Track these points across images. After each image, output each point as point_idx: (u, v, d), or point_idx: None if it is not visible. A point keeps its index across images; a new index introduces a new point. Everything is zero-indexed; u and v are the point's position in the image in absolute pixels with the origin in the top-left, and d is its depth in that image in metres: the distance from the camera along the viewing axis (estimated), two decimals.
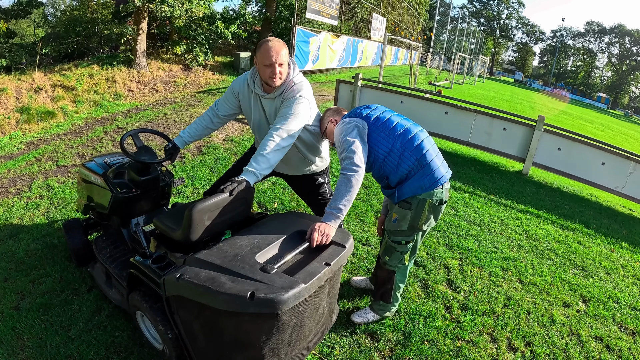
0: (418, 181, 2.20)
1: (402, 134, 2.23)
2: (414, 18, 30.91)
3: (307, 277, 1.60)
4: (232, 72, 11.90)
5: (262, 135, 2.46)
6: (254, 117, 2.45)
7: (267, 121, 2.42)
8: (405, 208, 2.26)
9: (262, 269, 1.61)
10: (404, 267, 2.48)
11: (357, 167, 2.04)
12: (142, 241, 2.00)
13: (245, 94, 2.42)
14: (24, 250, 2.94)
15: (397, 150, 2.20)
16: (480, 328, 2.77)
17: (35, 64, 7.95)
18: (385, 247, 2.45)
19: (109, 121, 6.48)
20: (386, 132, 2.23)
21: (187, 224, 1.81)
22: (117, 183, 2.46)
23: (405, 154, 2.20)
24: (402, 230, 2.32)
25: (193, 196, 3.98)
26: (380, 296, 2.57)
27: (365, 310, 2.67)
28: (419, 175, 2.20)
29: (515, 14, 66.43)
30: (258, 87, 2.31)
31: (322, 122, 2.43)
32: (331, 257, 1.78)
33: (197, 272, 1.61)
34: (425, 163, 2.20)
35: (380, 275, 2.56)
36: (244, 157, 2.78)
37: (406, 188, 2.23)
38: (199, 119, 2.57)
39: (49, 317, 2.39)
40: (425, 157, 2.21)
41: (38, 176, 4.22)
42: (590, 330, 2.98)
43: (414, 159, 2.20)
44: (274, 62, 2.15)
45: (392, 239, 2.39)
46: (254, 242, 1.81)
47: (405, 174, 2.22)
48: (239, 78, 2.46)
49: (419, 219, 2.27)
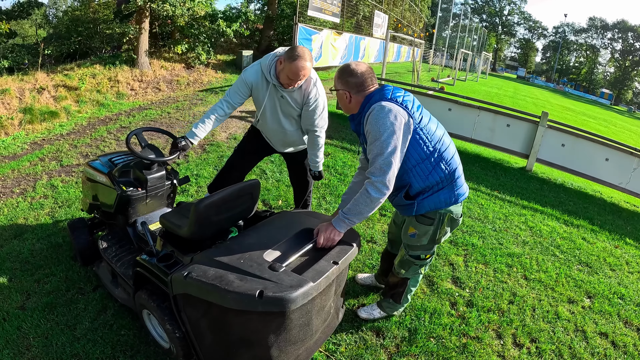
0: (444, 195, 2.07)
1: (441, 142, 2.02)
2: (416, 15, 30.80)
3: (316, 275, 1.60)
4: (235, 70, 11.89)
5: (272, 121, 2.71)
6: (267, 106, 2.65)
7: (280, 110, 2.67)
8: (427, 224, 2.14)
9: (270, 268, 1.60)
10: (419, 275, 2.47)
11: (386, 190, 1.86)
12: (148, 239, 1.99)
13: (260, 85, 2.59)
14: (28, 250, 2.94)
15: (434, 160, 1.99)
16: (485, 324, 2.77)
17: (37, 65, 7.96)
18: (402, 261, 2.38)
19: (112, 120, 6.49)
20: (428, 138, 1.97)
21: (193, 220, 1.80)
22: (122, 182, 2.46)
23: (441, 164, 2.01)
24: (422, 244, 2.25)
25: (197, 194, 3.98)
26: (391, 296, 2.56)
27: (372, 307, 2.66)
28: (447, 189, 2.06)
29: (518, 10, 66.15)
30: (275, 79, 2.51)
31: (338, 82, 2.04)
32: (339, 256, 1.78)
33: (204, 270, 1.60)
34: (456, 177, 2.09)
35: (392, 281, 2.52)
36: (247, 140, 3.05)
37: (430, 201, 2.07)
38: (211, 111, 2.65)
39: (54, 316, 2.39)
40: (457, 170, 2.10)
41: (42, 176, 4.22)
42: (595, 327, 2.98)
43: (448, 171, 2.04)
44: (298, 79, 2.43)
45: (410, 254, 2.32)
46: (262, 240, 1.80)
47: (433, 184, 2.04)
48: (250, 69, 2.61)
49: (439, 233, 2.19)
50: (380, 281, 2.89)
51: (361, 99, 2.00)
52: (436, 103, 7.26)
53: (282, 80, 2.47)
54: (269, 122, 2.76)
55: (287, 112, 2.69)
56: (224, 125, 6.59)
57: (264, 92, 2.60)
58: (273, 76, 2.51)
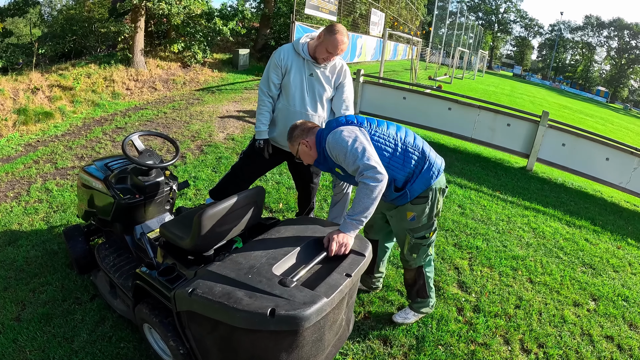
0: (427, 173, 2.17)
1: (398, 135, 2.18)
2: (412, 13, 30.76)
3: (329, 290, 1.52)
4: (231, 69, 11.79)
5: (300, 104, 2.68)
6: (297, 85, 2.65)
7: (308, 90, 2.66)
8: (422, 203, 2.21)
9: (281, 283, 1.52)
10: (430, 257, 2.47)
11: (381, 175, 1.90)
12: (148, 251, 1.90)
13: (296, 62, 2.63)
14: (23, 258, 2.85)
15: (400, 148, 2.14)
16: (493, 330, 2.73)
17: (32, 64, 7.84)
18: (410, 247, 2.39)
19: (107, 121, 6.39)
20: (384, 136, 2.15)
21: (196, 231, 1.71)
22: (119, 188, 2.36)
23: (408, 150, 2.15)
24: (424, 224, 2.29)
25: (196, 198, 3.90)
26: (416, 293, 2.55)
27: (405, 311, 2.65)
28: (427, 167, 2.18)
29: (514, 7, 66.20)
30: (308, 55, 2.58)
31: (292, 144, 2.24)
32: (351, 268, 1.69)
33: (210, 286, 1.51)
34: (427, 154, 2.20)
35: (409, 277, 2.53)
36: (257, 152, 2.90)
37: (418, 184, 2.17)
38: (265, 108, 2.74)
39: (51, 328, 2.30)
40: (425, 148, 2.21)
41: (36, 179, 4.13)
42: (601, 330, 2.95)
43: (418, 153, 2.17)
44: (336, 53, 2.49)
45: (415, 237, 2.34)
46: (269, 252, 1.72)
47: (413, 169, 2.16)
48: (279, 50, 2.67)
49: (436, 207, 2.27)
50: (366, 283, 2.84)
51: (314, 139, 2.16)
52: (436, 102, 7.20)
53: (319, 54, 2.52)
54: (297, 105, 2.68)
55: (317, 91, 2.68)
56: (221, 125, 6.51)
57: (300, 67, 2.62)
58: (306, 52, 2.57)
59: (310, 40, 2.63)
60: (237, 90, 9.59)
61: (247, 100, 8.53)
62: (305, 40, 2.63)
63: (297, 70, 2.62)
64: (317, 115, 2.71)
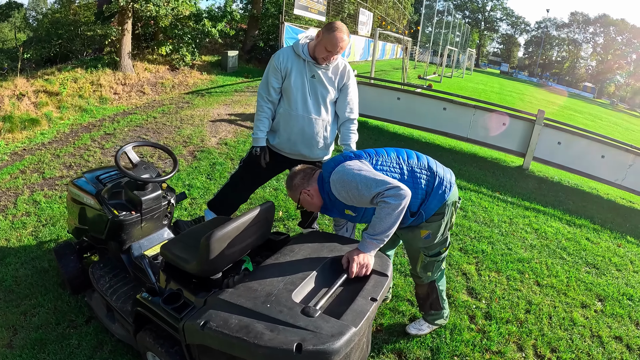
0: (439, 189, 2.06)
1: (399, 156, 2.08)
2: (399, 12, 30.80)
3: (356, 318, 1.39)
4: (220, 71, 11.61)
5: (302, 108, 2.56)
6: (299, 89, 2.53)
7: (311, 93, 2.55)
8: (437, 220, 2.10)
9: (304, 312, 1.38)
10: (442, 271, 2.39)
11: (403, 192, 1.76)
12: (149, 275, 1.75)
13: (296, 64, 2.51)
14: (12, 277, 2.67)
15: (407, 172, 2.02)
16: (506, 337, 2.70)
17: (17, 70, 7.58)
18: (424, 265, 2.28)
19: (95, 127, 6.19)
20: (386, 160, 2.03)
21: (204, 255, 1.57)
22: (113, 204, 2.19)
23: (415, 171, 2.04)
24: (438, 241, 2.18)
25: (191, 207, 3.75)
26: (430, 307, 2.47)
27: (419, 322, 2.58)
28: (437, 185, 2.06)
29: (500, 5, 66.82)
30: (309, 57, 2.47)
31: (292, 193, 2.08)
32: (376, 290, 1.57)
33: (225, 318, 1.37)
34: (435, 171, 2.08)
35: (421, 292, 2.43)
36: (257, 162, 2.75)
37: (432, 203, 2.05)
38: (263, 114, 2.62)
39: (46, 355, 2.14)
40: (431, 166, 2.10)
41: (23, 190, 3.95)
42: (609, 331, 2.96)
43: (426, 172, 2.06)
44: (336, 51, 2.38)
45: (430, 254, 2.23)
46: (286, 276, 1.58)
47: (424, 190, 2.04)
48: (278, 53, 2.55)
49: (450, 222, 2.18)
50: None
51: (316, 186, 2.01)
52: (431, 102, 7.15)
53: (318, 54, 2.42)
54: (300, 109, 2.56)
55: (320, 94, 2.56)
56: (213, 129, 6.36)
57: (301, 69, 2.51)
58: (306, 53, 2.47)
59: (310, 41, 2.52)
60: (227, 92, 9.43)
61: (237, 103, 8.38)
62: (305, 41, 2.53)
63: (298, 73, 2.50)
64: (321, 119, 2.59)
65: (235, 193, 2.92)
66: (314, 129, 2.59)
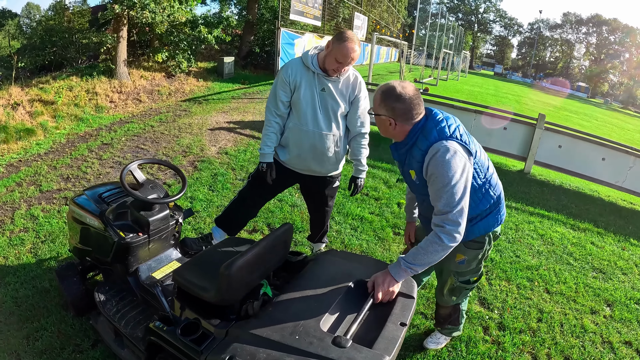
0: (492, 218, 1.96)
1: (488, 170, 1.92)
2: (393, 15, 30.92)
3: (389, 345, 1.33)
4: (216, 77, 11.54)
5: (312, 122, 2.47)
6: (312, 98, 2.44)
7: (321, 107, 2.46)
8: (476, 248, 2.02)
9: (335, 343, 1.31)
10: (468, 296, 2.38)
11: (459, 236, 1.69)
12: (163, 303, 1.65)
13: (306, 76, 2.43)
14: (12, 298, 2.58)
15: (485, 189, 1.90)
16: (520, 347, 2.69)
17: (11, 78, 7.48)
18: (451, 289, 2.20)
19: (92, 137, 6.10)
20: (481, 170, 1.87)
21: (224, 286, 1.49)
22: (119, 226, 2.10)
23: (490, 191, 1.92)
24: (471, 269, 2.11)
25: (195, 221, 3.66)
26: (448, 323, 2.43)
27: (436, 335, 2.55)
28: (495, 212, 1.96)
29: (493, 7, 67.24)
30: (319, 69, 2.39)
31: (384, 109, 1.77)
32: (404, 315, 1.51)
33: (252, 352, 1.30)
34: (501, 200, 1.99)
35: (444, 313, 2.38)
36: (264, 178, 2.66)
37: (479, 227, 1.95)
38: (271, 129, 2.54)
39: None
40: (501, 194, 2.00)
41: (20, 204, 3.85)
42: (619, 336, 2.98)
43: (495, 197, 1.95)
44: (347, 63, 2.31)
45: (460, 280, 2.16)
46: (311, 303, 1.51)
47: (482, 211, 1.93)
48: (286, 65, 2.48)
49: (487, 253, 2.10)
50: None
51: (408, 128, 1.79)
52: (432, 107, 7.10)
53: (329, 65, 2.33)
54: (310, 124, 2.46)
55: (331, 108, 2.47)
56: (213, 138, 6.29)
57: (311, 82, 2.42)
58: (316, 65, 2.39)
59: (319, 52, 2.44)
60: (224, 99, 9.36)
61: (235, 111, 8.32)
62: (314, 52, 2.44)
63: (308, 86, 2.41)
64: (332, 134, 2.50)
65: (244, 209, 2.84)
66: (325, 145, 2.50)
